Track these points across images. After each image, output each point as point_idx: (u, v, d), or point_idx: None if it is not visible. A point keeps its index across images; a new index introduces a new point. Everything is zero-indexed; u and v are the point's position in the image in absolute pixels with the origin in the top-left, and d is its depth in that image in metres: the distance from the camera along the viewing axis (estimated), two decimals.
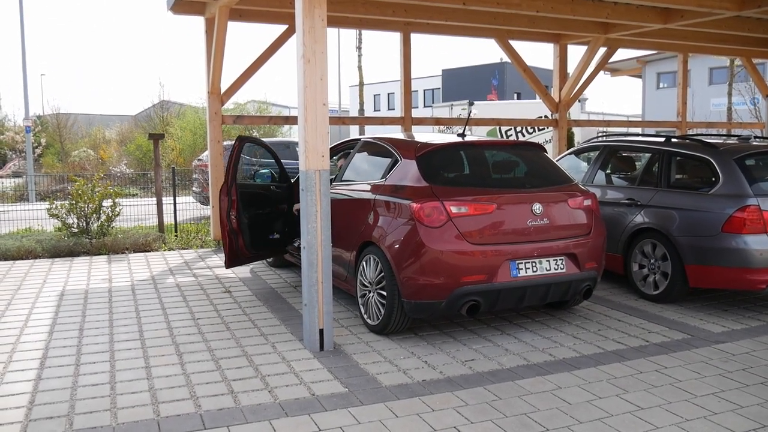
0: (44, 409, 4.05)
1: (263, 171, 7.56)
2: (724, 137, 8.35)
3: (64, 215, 9.87)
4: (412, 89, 11.20)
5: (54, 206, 9.86)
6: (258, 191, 7.22)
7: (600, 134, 9.94)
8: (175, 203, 11.08)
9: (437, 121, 12.84)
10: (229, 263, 6.92)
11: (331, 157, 6.40)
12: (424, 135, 6.56)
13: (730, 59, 22.94)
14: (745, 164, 6.33)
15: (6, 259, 9.05)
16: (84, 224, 9.90)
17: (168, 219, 11.15)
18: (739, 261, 5.99)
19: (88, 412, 4.00)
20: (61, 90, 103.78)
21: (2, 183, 20.65)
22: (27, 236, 10.13)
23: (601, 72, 16.46)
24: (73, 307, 6.45)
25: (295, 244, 7.13)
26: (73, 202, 9.82)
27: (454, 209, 5.17)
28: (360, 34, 29.81)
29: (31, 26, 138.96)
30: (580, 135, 22.28)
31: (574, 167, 8.16)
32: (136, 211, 12.26)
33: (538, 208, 5.40)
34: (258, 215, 7.07)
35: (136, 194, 16.77)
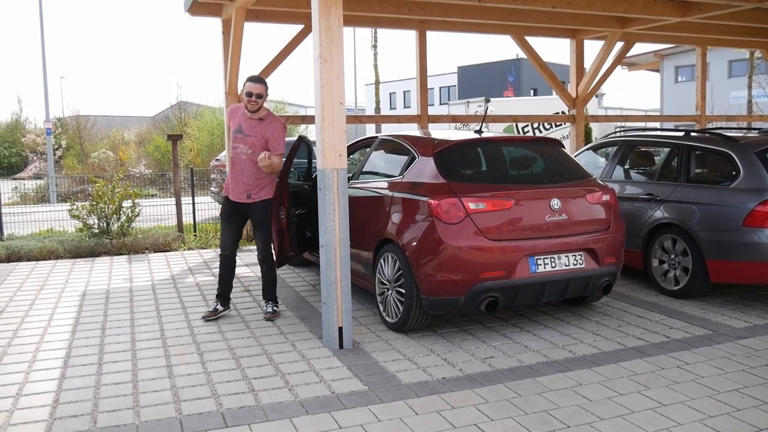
0: (68, 407, 4.10)
1: (292, 170, 7.47)
2: (745, 130, 8.25)
3: (85, 216, 9.97)
4: (428, 87, 11.17)
5: (75, 207, 9.97)
6: (293, 190, 7.14)
7: (618, 129, 9.87)
8: (193, 203, 11.16)
9: (453, 119, 12.80)
10: (279, 263, 6.68)
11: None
12: (441, 132, 6.55)
13: (750, 51, 22.67)
14: (766, 157, 6.25)
15: (29, 260, 9.17)
16: (104, 225, 10.00)
17: (187, 219, 11.23)
18: (761, 255, 5.92)
19: (111, 410, 4.05)
20: (81, 92, 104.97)
21: (24, 185, 20.90)
22: (49, 237, 10.25)
23: (619, 67, 16.32)
24: (95, 307, 6.52)
25: None
26: (94, 203, 9.93)
27: (471, 205, 5.17)
28: (375, 33, 29.79)
29: (51, 30, 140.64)
30: (597, 130, 22.15)
31: (592, 163, 8.12)
32: (155, 212, 12.36)
33: (556, 203, 5.38)
34: (297, 214, 7.02)
35: (155, 195, 16.91)
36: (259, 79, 5.78)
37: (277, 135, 5.81)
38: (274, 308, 6.08)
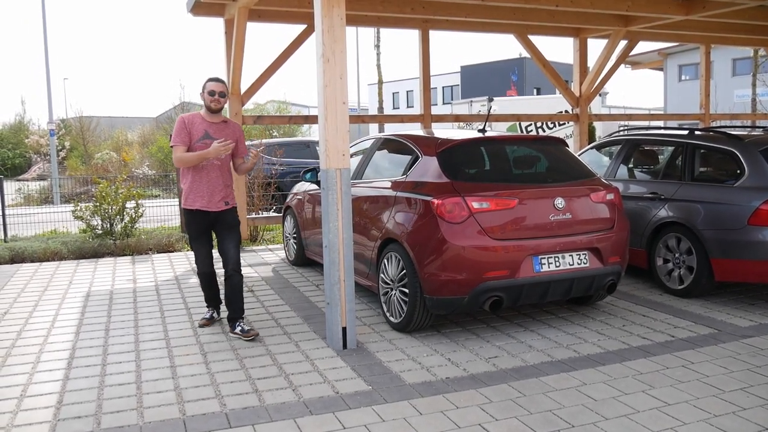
0: (72, 408, 4.10)
1: (310, 169, 7.44)
2: (749, 129, 8.22)
3: (88, 217, 9.98)
4: (431, 86, 11.17)
5: (78, 208, 9.98)
6: None
7: (621, 128, 9.84)
8: None
9: (457, 118, 12.79)
10: None
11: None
12: (444, 131, 6.54)
13: (754, 50, 22.63)
14: None
15: (33, 261, 9.18)
16: (108, 226, 10.00)
17: None
18: (765, 254, 5.90)
19: (115, 411, 4.04)
20: (84, 93, 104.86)
21: (27, 186, 20.94)
22: (53, 238, 10.25)
23: (622, 65, 16.29)
24: (99, 308, 6.52)
25: None
26: (97, 204, 9.93)
27: (475, 205, 5.16)
28: (378, 32, 29.77)
29: (54, 31, 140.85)
30: (601, 129, 22.13)
31: (596, 162, 8.10)
32: (158, 212, 12.37)
33: (560, 202, 5.36)
34: None
35: (159, 195, 16.89)
36: (219, 79, 5.55)
37: (243, 137, 5.71)
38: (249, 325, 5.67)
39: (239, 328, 5.47)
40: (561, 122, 20.54)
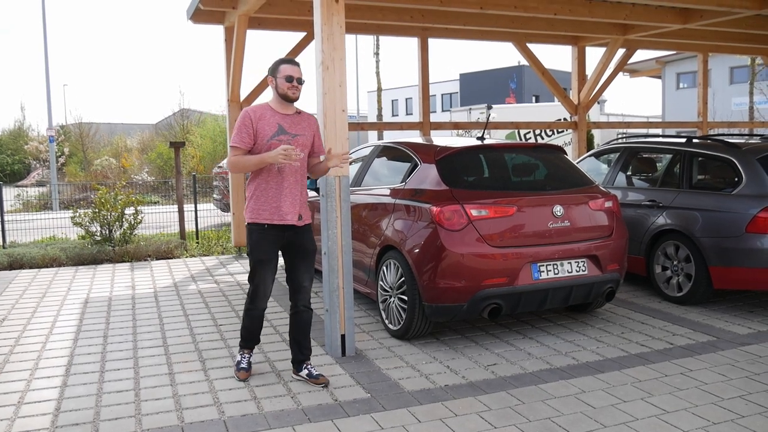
0: (70, 415, 4.09)
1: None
2: (747, 137, 8.24)
3: (87, 223, 9.99)
4: (430, 94, 11.18)
5: (77, 215, 9.99)
6: None
7: (620, 136, 9.86)
8: (196, 210, 11.17)
9: (456, 126, 12.80)
10: None
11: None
12: (443, 139, 6.56)
13: (751, 58, 22.70)
14: None
15: (31, 267, 9.18)
16: (107, 232, 10.01)
17: (189, 226, 11.24)
18: (763, 261, 5.91)
19: (113, 418, 4.04)
20: (84, 100, 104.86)
21: (26, 192, 20.93)
22: (51, 244, 10.26)
23: (620, 73, 16.33)
24: (97, 315, 6.51)
25: None
26: (96, 210, 9.94)
27: (474, 212, 5.16)
28: (377, 40, 29.83)
29: (54, 38, 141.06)
30: (599, 137, 22.17)
31: (594, 169, 8.11)
32: (157, 219, 12.37)
33: (558, 210, 5.37)
34: None
35: (158, 202, 16.89)
36: (296, 61, 4.54)
37: (319, 131, 4.73)
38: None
39: (306, 371, 4.60)
40: (560, 130, 20.57)
